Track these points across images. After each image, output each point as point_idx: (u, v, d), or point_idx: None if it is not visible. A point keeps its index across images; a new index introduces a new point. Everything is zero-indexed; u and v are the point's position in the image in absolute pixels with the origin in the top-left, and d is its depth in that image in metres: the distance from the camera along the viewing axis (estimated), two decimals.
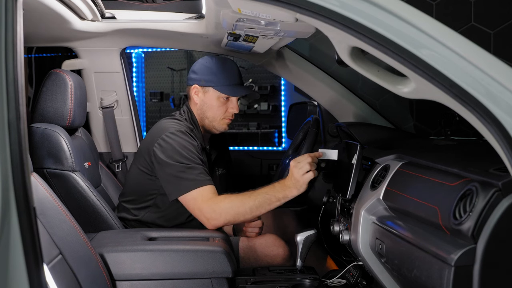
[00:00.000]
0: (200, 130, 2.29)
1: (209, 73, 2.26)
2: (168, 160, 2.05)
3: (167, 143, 2.08)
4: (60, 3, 2.02)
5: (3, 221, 1.11)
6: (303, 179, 1.95)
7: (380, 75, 1.35)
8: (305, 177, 1.95)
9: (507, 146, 1.12)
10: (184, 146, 2.07)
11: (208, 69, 2.28)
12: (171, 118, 2.25)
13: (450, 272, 1.16)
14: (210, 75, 2.26)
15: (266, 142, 5.90)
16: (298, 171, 1.95)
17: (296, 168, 1.96)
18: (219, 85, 2.24)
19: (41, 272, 1.15)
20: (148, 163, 2.15)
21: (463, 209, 1.21)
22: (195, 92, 2.29)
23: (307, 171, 1.94)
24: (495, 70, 1.15)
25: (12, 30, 1.17)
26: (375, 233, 1.64)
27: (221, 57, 2.36)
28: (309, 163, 1.95)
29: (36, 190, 1.48)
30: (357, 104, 2.69)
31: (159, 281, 1.81)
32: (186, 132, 2.13)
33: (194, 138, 2.16)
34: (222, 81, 2.25)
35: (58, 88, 2.21)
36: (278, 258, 2.17)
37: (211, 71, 2.27)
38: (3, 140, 1.14)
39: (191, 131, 2.20)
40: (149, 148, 2.13)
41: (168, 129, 2.13)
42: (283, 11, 1.31)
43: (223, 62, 2.30)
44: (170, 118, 2.26)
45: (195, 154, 2.08)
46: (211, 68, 2.28)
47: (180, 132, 2.11)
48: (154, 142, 2.11)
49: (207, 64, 2.30)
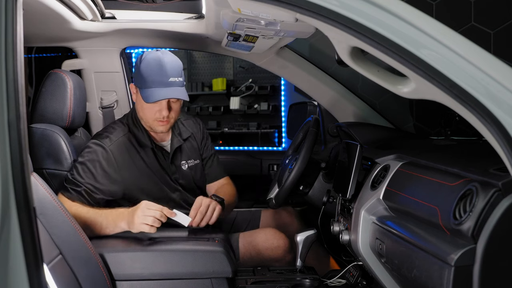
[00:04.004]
0: (144, 129, 2.19)
1: (136, 72, 2.13)
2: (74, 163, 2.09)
3: (82, 150, 2.12)
4: (60, 3, 2.02)
5: (3, 221, 1.11)
6: (138, 225, 1.87)
7: (380, 75, 1.35)
8: (141, 226, 1.86)
9: (507, 146, 1.12)
10: (87, 160, 2.06)
11: (136, 67, 2.14)
12: (114, 122, 2.25)
13: (450, 272, 1.16)
14: (136, 74, 2.12)
15: (266, 142, 5.90)
16: (142, 216, 1.86)
17: (143, 213, 1.87)
18: (141, 87, 2.09)
19: (41, 272, 1.15)
20: None
21: (463, 209, 1.21)
22: (132, 91, 2.21)
23: (147, 223, 1.86)
24: (495, 70, 1.15)
25: (12, 30, 1.17)
26: (375, 233, 1.64)
27: (154, 53, 2.11)
28: (155, 218, 1.86)
29: (36, 190, 1.48)
30: (357, 104, 2.69)
31: (159, 281, 1.81)
32: (101, 145, 2.09)
33: (110, 152, 2.09)
34: (143, 83, 2.08)
35: (57, 88, 2.21)
36: (279, 250, 2.17)
37: (137, 70, 2.12)
38: (3, 140, 1.14)
39: (128, 132, 2.16)
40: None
41: (94, 138, 2.15)
42: (283, 11, 1.31)
43: (149, 60, 2.07)
44: (113, 123, 2.26)
45: (90, 173, 2.05)
46: (137, 66, 2.12)
47: (94, 144, 2.09)
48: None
49: (137, 61, 2.14)
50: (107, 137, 2.13)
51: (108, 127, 2.23)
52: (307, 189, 2.37)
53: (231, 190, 2.37)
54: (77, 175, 2.04)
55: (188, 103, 6.53)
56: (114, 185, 2.08)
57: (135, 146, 2.16)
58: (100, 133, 2.20)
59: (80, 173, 2.05)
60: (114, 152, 2.10)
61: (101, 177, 2.06)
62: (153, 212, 1.87)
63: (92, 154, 2.07)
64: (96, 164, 2.06)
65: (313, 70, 2.69)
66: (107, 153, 2.09)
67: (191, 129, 2.38)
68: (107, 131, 2.18)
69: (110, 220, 1.92)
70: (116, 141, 2.13)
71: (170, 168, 2.22)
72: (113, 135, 2.14)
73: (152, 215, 1.86)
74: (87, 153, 2.08)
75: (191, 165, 2.31)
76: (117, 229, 1.92)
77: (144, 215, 1.86)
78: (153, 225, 1.86)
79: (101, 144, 2.10)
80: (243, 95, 6.11)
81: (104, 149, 2.09)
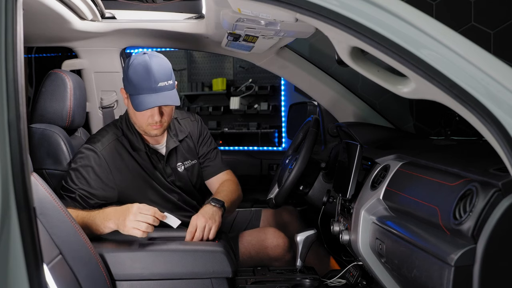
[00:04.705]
0: (137, 133, 2.17)
1: (124, 78, 2.08)
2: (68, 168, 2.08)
3: (75, 156, 2.10)
4: (60, 3, 2.02)
5: (3, 221, 1.11)
6: (129, 229, 1.82)
7: (380, 75, 1.35)
8: (133, 230, 1.82)
9: (507, 146, 1.12)
10: (79, 166, 2.05)
11: (124, 72, 2.09)
12: (108, 125, 2.24)
13: (450, 272, 1.16)
14: (125, 80, 2.08)
15: (266, 142, 5.90)
16: (134, 221, 1.81)
17: (135, 217, 1.81)
18: (131, 94, 2.05)
19: (41, 272, 1.15)
20: None
21: (463, 209, 1.21)
22: (123, 96, 2.16)
23: (140, 229, 1.81)
24: (495, 70, 1.15)
25: (12, 30, 1.17)
26: (375, 233, 1.64)
27: (141, 57, 2.04)
28: (148, 224, 1.82)
29: (36, 190, 1.48)
30: (357, 104, 2.69)
31: (159, 281, 1.81)
32: (93, 149, 2.07)
33: (101, 156, 2.07)
34: (132, 90, 2.03)
35: (57, 88, 2.21)
36: (278, 249, 2.17)
37: (125, 76, 2.07)
38: (3, 140, 1.14)
39: (121, 136, 2.14)
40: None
41: (86, 143, 2.13)
42: (283, 11, 1.31)
43: (136, 66, 2.01)
44: (107, 126, 2.24)
45: (84, 179, 2.03)
46: (125, 72, 2.07)
47: (86, 149, 2.08)
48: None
49: (125, 66, 2.09)
50: (99, 141, 2.11)
51: (101, 130, 2.21)
52: (307, 189, 2.37)
53: (234, 186, 2.32)
54: (71, 181, 2.03)
55: (188, 103, 6.55)
56: (108, 190, 2.07)
57: (128, 150, 2.14)
58: (93, 136, 2.18)
59: (73, 179, 2.03)
60: (106, 157, 2.08)
61: (94, 182, 2.04)
62: (145, 217, 1.82)
63: (84, 159, 2.06)
64: (88, 169, 2.05)
65: (313, 70, 2.69)
66: (99, 158, 2.07)
67: (188, 129, 2.35)
68: (99, 134, 2.17)
69: (98, 222, 1.88)
70: (108, 145, 2.11)
71: (165, 171, 2.20)
72: (105, 139, 2.12)
73: (145, 220, 1.82)
74: (80, 159, 2.06)
75: (188, 166, 2.29)
76: (107, 230, 1.89)
77: (137, 220, 1.81)
78: (146, 230, 1.82)
79: (93, 149, 2.08)
80: (243, 95, 6.11)
81: (96, 153, 2.07)
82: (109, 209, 1.92)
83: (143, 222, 1.82)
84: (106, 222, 1.87)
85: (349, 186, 1.86)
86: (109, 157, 2.09)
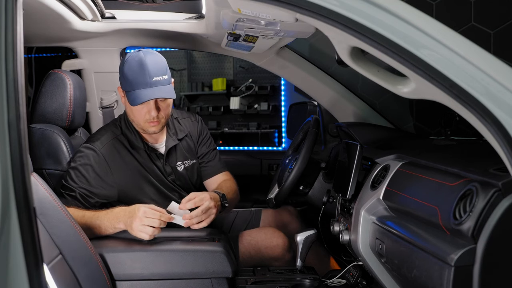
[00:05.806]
0: (136, 131, 2.17)
1: (121, 76, 2.09)
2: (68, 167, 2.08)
3: (74, 155, 2.11)
4: (60, 3, 2.02)
5: (3, 221, 1.11)
6: (137, 233, 1.83)
7: (380, 75, 1.35)
8: (140, 234, 1.83)
9: (507, 146, 1.12)
10: (79, 165, 2.05)
11: (120, 70, 2.11)
12: (107, 125, 2.25)
13: (450, 272, 1.16)
14: (121, 78, 2.09)
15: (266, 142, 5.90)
16: (140, 225, 1.82)
17: (141, 222, 1.82)
18: (127, 90, 2.06)
19: (41, 272, 1.15)
20: None
21: (463, 209, 1.21)
22: (120, 95, 2.17)
23: (147, 233, 1.82)
24: (495, 70, 1.15)
25: (12, 30, 1.17)
26: (375, 233, 1.64)
27: (136, 54, 2.05)
28: (154, 228, 1.83)
29: (36, 190, 1.48)
30: (357, 104, 2.69)
31: (159, 281, 1.81)
32: (92, 148, 2.08)
33: (100, 155, 2.07)
34: (127, 86, 2.05)
35: (57, 88, 2.21)
36: (278, 249, 2.17)
37: (121, 74, 2.08)
38: (3, 140, 1.14)
39: (120, 134, 2.15)
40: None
41: (86, 142, 2.14)
42: (283, 11, 1.31)
43: (131, 62, 2.03)
44: (106, 125, 2.25)
45: (83, 177, 2.04)
46: (121, 69, 2.09)
47: (86, 148, 2.08)
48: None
49: (120, 64, 2.10)
50: (98, 140, 2.11)
51: (100, 130, 2.22)
52: (307, 189, 2.37)
53: (233, 186, 2.33)
54: (71, 180, 2.03)
55: (188, 103, 6.55)
56: (108, 188, 2.07)
57: (127, 148, 2.14)
58: (92, 136, 2.19)
59: (73, 178, 2.04)
60: (105, 155, 2.09)
61: (94, 181, 2.05)
62: (151, 221, 1.83)
63: (83, 158, 2.06)
64: (88, 168, 2.05)
65: (313, 70, 2.69)
66: (99, 156, 2.07)
67: (188, 128, 2.35)
68: (98, 133, 2.18)
69: (107, 222, 1.90)
70: (107, 144, 2.11)
71: (165, 169, 2.20)
72: (104, 137, 2.13)
73: (151, 224, 1.83)
74: (79, 158, 2.07)
75: (188, 166, 2.29)
76: (117, 230, 1.91)
77: (143, 224, 1.82)
78: (153, 234, 1.83)
79: (92, 148, 2.08)
80: (243, 95, 6.11)
81: (96, 152, 2.08)
82: (117, 209, 1.93)
83: (150, 226, 1.83)
84: (116, 223, 1.89)
85: (349, 186, 1.86)
86: (108, 156, 2.09)
